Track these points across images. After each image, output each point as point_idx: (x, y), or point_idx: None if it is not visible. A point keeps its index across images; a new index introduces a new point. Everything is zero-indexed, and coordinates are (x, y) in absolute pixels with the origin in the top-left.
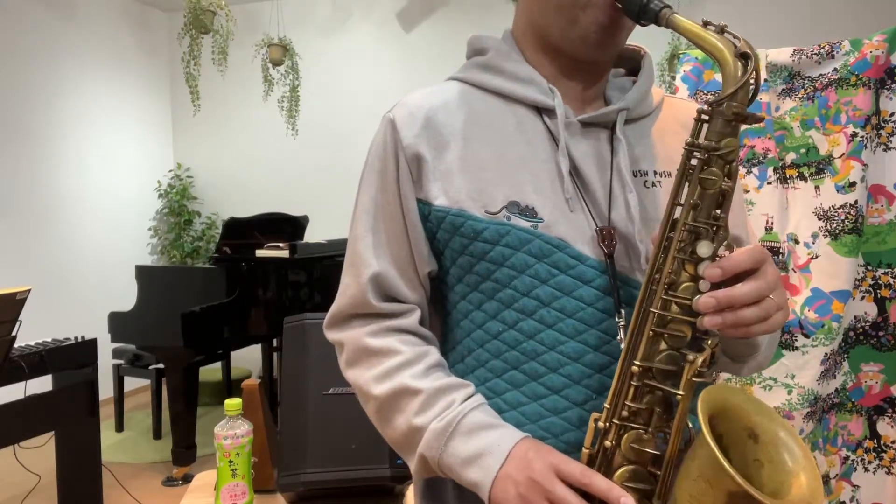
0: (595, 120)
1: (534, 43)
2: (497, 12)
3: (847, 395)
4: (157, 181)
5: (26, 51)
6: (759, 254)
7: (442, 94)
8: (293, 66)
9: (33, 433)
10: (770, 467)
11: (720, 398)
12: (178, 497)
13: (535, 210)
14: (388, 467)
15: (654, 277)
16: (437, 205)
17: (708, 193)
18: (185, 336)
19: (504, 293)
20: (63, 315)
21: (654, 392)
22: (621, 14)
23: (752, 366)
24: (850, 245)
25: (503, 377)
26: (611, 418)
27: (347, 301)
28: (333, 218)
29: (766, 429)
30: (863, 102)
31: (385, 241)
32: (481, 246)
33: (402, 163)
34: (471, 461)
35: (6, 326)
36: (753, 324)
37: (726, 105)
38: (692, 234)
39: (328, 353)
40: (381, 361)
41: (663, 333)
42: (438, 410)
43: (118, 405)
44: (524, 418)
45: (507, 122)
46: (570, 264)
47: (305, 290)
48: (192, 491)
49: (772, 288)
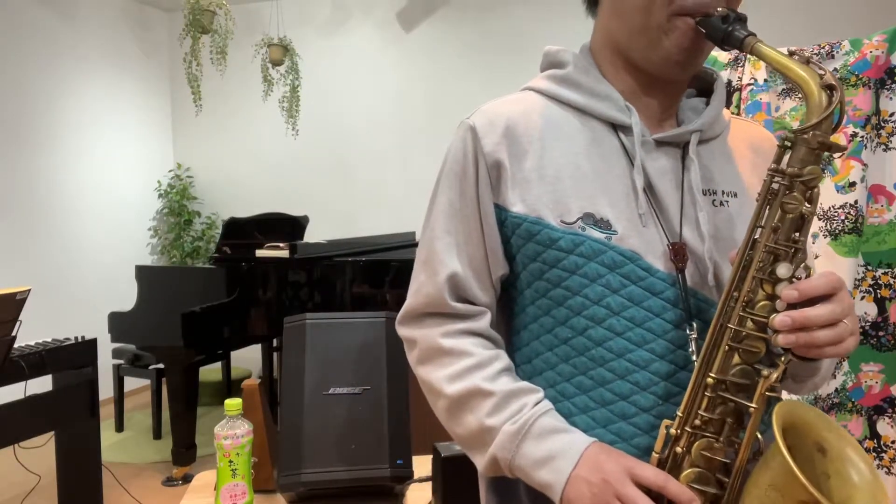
0: (670, 139)
1: (612, 59)
2: (497, 12)
3: (847, 395)
4: (157, 181)
5: (26, 51)
6: (836, 281)
7: (520, 104)
8: (293, 66)
9: (33, 433)
10: (837, 481)
11: (794, 413)
12: (178, 497)
13: (610, 223)
14: (388, 467)
15: (733, 295)
16: (514, 211)
17: (788, 217)
18: (186, 336)
19: (574, 300)
20: (63, 315)
21: (727, 403)
22: (703, 37)
23: (809, 385)
24: (849, 245)
25: (571, 381)
26: (683, 426)
27: (423, 300)
28: (333, 218)
29: (834, 444)
30: (863, 102)
31: (461, 243)
32: (555, 254)
33: (482, 168)
34: (543, 463)
35: (6, 326)
36: (826, 346)
37: (811, 134)
38: (771, 255)
39: (328, 353)
40: (454, 362)
41: (738, 348)
42: (511, 413)
43: (118, 405)
44: (594, 422)
45: (583, 136)
46: (640, 276)
47: (305, 290)
48: (192, 491)
49: (846, 314)
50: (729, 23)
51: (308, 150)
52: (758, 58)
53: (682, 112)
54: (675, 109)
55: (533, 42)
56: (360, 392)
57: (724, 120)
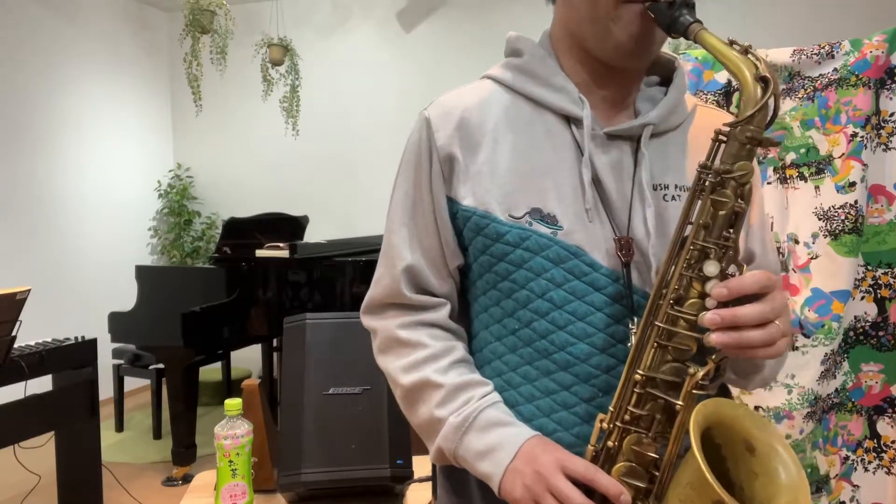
0: (621, 133)
1: (569, 48)
2: (498, 12)
3: (847, 395)
4: (157, 181)
5: (26, 51)
6: (767, 280)
7: (476, 94)
8: (293, 66)
9: (33, 433)
10: (764, 479)
11: (721, 411)
12: (178, 497)
13: (556, 218)
14: (388, 467)
15: (662, 292)
16: (464, 205)
17: (720, 214)
18: (185, 336)
19: (521, 293)
20: (63, 315)
21: (657, 400)
22: (654, 25)
23: (756, 382)
24: (850, 245)
25: (517, 371)
26: (614, 421)
27: (382, 291)
28: (333, 218)
29: (763, 442)
30: (863, 102)
31: (418, 235)
32: (502, 248)
33: (436, 162)
34: (483, 455)
35: (6, 326)
36: (758, 346)
37: (741, 129)
38: (701, 253)
39: (328, 353)
40: (409, 353)
41: (668, 346)
42: (457, 405)
43: (118, 405)
44: (538, 411)
45: (536, 129)
46: (584, 271)
47: (305, 290)
48: (192, 491)
49: (777, 314)
50: (676, 8)
51: (308, 150)
52: (700, 45)
53: (640, 103)
54: (631, 100)
55: None
56: (360, 392)
57: (685, 110)
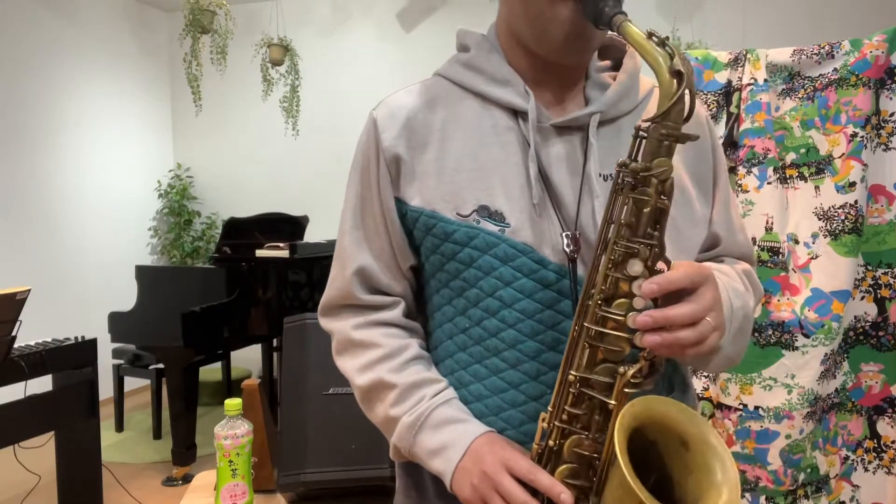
0: (568, 123)
1: (513, 44)
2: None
3: (847, 395)
4: (157, 181)
5: (26, 51)
6: (696, 274)
7: (424, 94)
8: (293, 66)
9: (33, 433)
10: (698, 475)
11: (653, 408)
12: (178, 497)
13: (504, 215)
14: (388, 467)
15: (590, 293)
16: (412, 205)
17: (643, 213)
18: (185, 336)
19: (471, 292)
20: (63, 315)
21: (592, 399)
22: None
23: (719, 361)
24: (850, 245)
25: (468, 370)
26: (553, 420)
27: (335, 293)
28: (333, 218)
29: (697, 438)
30: (863, 102)
31: (368, 236)
32: (451, 247)
33: (382, 163)
34: (436, 453)
35: (6, 326)
36: (688, 346)
37: (657, 125)
38: (626, 253)
39: (328, 353)
40: (364, 353)
41: (599, 346)
42: (410, 405)
43: (118, 405)
44: (487, 410)
45: (483, 125)
46: (533, 268)
47: (305, 290)
48: (192, 491)
49: (708, 310)
50: (602, 1)
51: (308, 150)
52: (622, 37)
53: (590, 91)
54: (579, 90)
55: None
56: None
57: (638, 94)
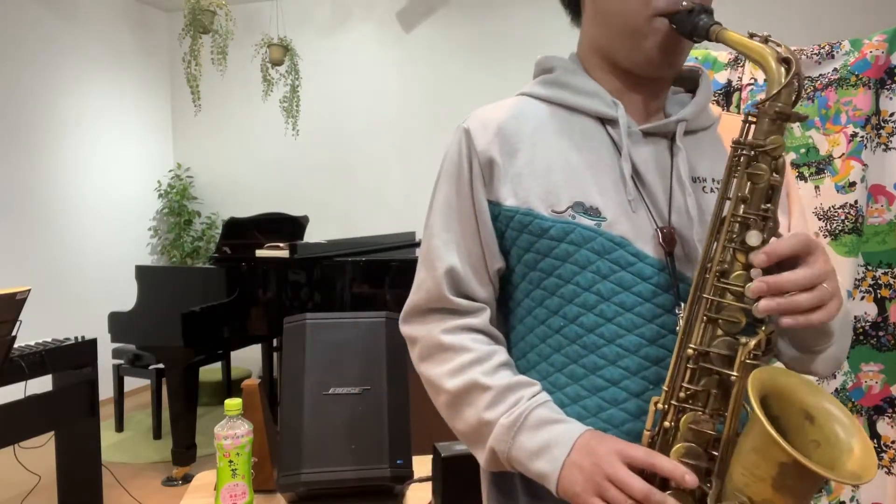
0: (656, 130)
1: (599, 63)
2: (498, 12)
3: (847, 395)
4: (157, 181)
5: (26, 51)
6: (805, 241)
7: (511, 107)
8: (293, 66)
9: (33, 433)
10: (826, 447)
11: (775, 380)
12: (178, 497)
13: (599, 210)
14: (388, 467)
15: (707, 266)
16: (506, 205)
17: (757, 188)
18: (185, 336)
19: (566, 289)
20: (63, 315)
21: (711, 375)
22: (680, 36)
23: (827, 358)
24: (849, 245)
25: (563, 371)
26: (669, 400)
27: (424, 295)
28: (333, 218)
29: (820, 409)
30: (863, 102)
31: (459, 240)
32: (547, 243)
33: (476, 167)
34: (538, 453)
35: (6, 326)
36: (808, 310)
37: (769, 105)
38: (742, 226)
39: (328, 353)
40: (454, 357)
41: (717, 319)
42: (507, 406)
43: (118, 405)
44: (585, 411)
45: (573, 131)
46: (630, 261)
47: (305, 290)
48: (192, 491)
49: (823, 276)
50: (695, 15)
51: (308, 150)
52: (723, 43)
53: (670, 106)
54: (661, 104)
55: (533, 42)
56: (359, 392)
57: (713, 115)
